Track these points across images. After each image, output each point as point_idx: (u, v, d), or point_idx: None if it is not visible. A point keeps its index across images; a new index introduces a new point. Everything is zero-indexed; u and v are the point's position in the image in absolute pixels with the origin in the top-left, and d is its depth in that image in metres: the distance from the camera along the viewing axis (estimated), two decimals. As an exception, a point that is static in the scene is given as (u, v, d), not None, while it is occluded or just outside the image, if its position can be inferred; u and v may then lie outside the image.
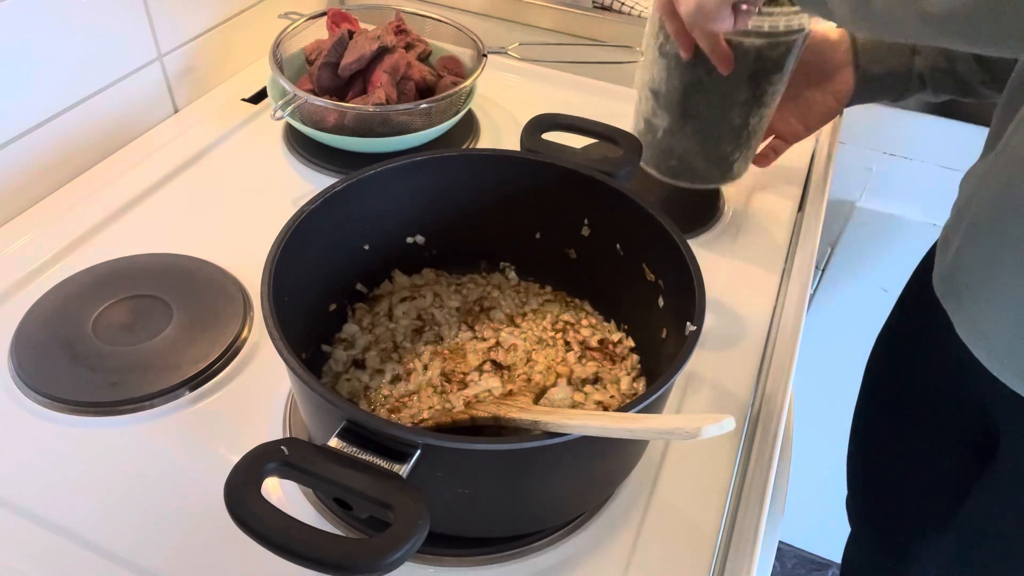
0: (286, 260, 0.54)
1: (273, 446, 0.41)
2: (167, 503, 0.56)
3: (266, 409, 0.62)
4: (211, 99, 0.98)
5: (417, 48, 0.96)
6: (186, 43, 0.93)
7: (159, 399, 0.62)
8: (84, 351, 0.64)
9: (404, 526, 0.38)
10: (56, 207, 0.80)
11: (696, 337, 0.50)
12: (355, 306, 0.67)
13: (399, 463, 0.42)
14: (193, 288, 0.70)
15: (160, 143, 0.90)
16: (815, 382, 1.27)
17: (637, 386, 0.62)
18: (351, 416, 0.43)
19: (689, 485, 0.59)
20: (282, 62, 0.90)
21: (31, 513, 0.54)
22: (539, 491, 0.51)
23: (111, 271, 0.71)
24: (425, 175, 0.63)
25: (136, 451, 0.59)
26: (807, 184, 0.92)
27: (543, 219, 0.67)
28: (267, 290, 0.50)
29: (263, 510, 0.39)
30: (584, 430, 0.43)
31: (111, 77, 0.85)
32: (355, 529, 0.55)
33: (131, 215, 0.80)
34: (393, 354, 0.63)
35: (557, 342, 0.65)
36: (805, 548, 1.64)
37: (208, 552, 0.53)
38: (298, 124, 0.86)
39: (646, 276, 0.61)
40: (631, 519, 0.57)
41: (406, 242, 0.68)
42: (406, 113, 0.85)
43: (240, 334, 0.67)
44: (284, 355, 0.46)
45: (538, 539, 0.55)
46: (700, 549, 0.55)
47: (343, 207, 0.60)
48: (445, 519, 0.50)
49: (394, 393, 0.60)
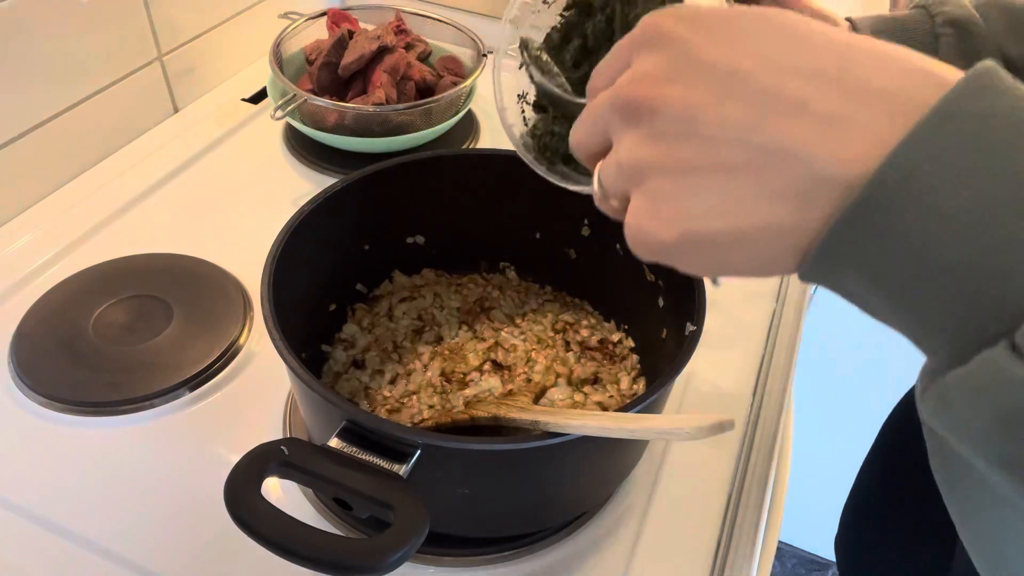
0: (286, 260, 0.54)
1: (273, 446, 0.41)
2: (167, 503, 0.56)
3: (266, 409, 0.62)
4: (211, 99, 0.98)
5: (417, 48, 0.96)
6: (186, 43, 0.93)
7: (159, 399, 0.62)
8: (84, 351, 0.64)
9: (404, 526, 0.38)
10: (56, 207, 0.80)
11: (696, 337, 0.50)
12: (355, 306, 0.67)
13: (399, 463, 0.42)
14: (193, 288, 0.70)
15: (160, 143, 0.90)
16: (815, 382, 1.27)
17: (637, 386, 0.62)
18: (351, 416, 0.43)
19: (689, 485, 0.59)
20: (282, 62, 0.90)
21: (31, 513, 0.54)
22: (539, 491, 0.51)
23: (111, 271, 0.71)
24: (425, 175, 0.63)
25: (136, 451, 0.59)
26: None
27: (543, 219, 0.67)
28: (267, 290, 0.50)
29: (263, 510, 0.39)
30: (584, 430, 0.43)
31: (111, 77, 0.85)
32: (355, 529, 0.55)
33: (131, 215, 0.80)
34: (393, 354, 0.63)
35: (557, 342, 0.65)
36: (805, 548, 1.64)
37: (208, 552, 0.53)
38: (298, 124, 0.86)
39: (646, 276, 0.61)
40: (631, 519, 0.57)
41: (406, 242, 0.68)
42: (406, 113, 0.85)
43: (240, 334, 0.67)
44: (284, 355, 0.46)
45: (538, 539, 0.55)
46: (700, 549, 0.55)
47: (343, 207, 0.60)
48: (445, 519, 0.50)
49: (394, 393, 0.60)
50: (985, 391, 0.23)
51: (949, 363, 0.24)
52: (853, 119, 0.24)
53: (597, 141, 0.32)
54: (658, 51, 0.29)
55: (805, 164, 0.25)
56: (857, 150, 0.24)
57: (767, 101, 0.26)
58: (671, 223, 0.28)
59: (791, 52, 0.26)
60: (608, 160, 0.31)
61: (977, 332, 0.23)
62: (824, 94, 0.25)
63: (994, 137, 0.22)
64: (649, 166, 0.29)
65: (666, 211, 0.28)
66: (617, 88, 0.30)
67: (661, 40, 0.29)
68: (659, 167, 0.28)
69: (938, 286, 0.23)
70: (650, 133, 0.28)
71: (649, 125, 0.28)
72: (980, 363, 0.23)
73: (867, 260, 0.24)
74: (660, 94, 0.28)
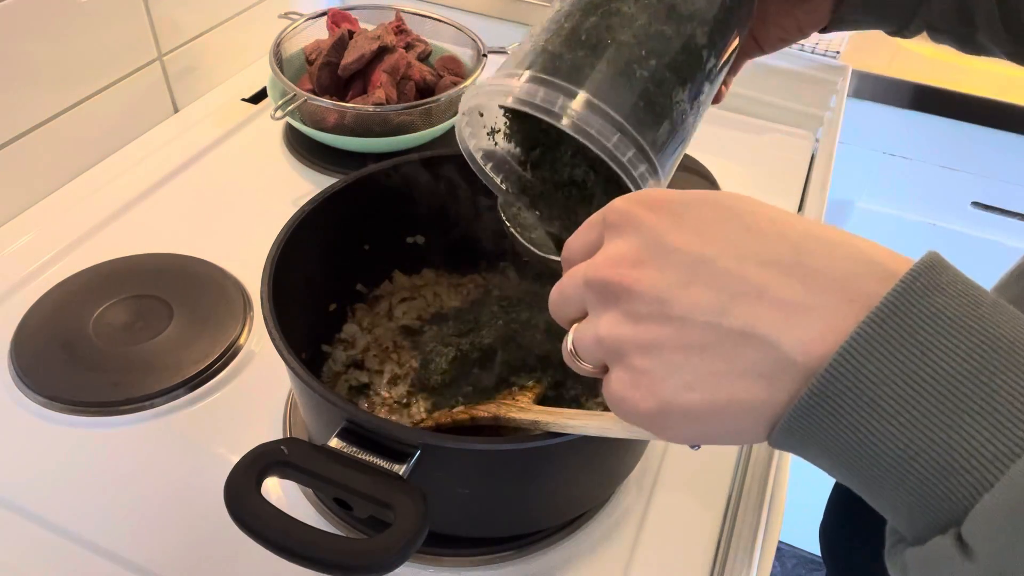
0: (286, 260, 0.54)
1: (273, 446, 0.41)
2: (167, 503, 0.56)
3: (266, 409, 0.62)
4: (211, 99, 0.98)
5: (417, 48, 0.96)
6: (186, 43, 0.93)
7: (159, 399, 0.62)
8: (84, 351, 0.64)
9: (404, 526, 0.38)
10: (56, 207, 0.80)
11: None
12: (355, 306, 0.67)
13: (399, 463, 0.42)
14: (193, 288, 0.70)
15: (160, 143, 0.90)
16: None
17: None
18: (351, 416, 0.43)
19: (689, 485, 0.59)
20: (282, 62, 0.90)
21: (31, 513, 0.54)
22: (539, 491, 0.51)
23: (111, 271, 0.71)
24: (425, 175, 0.63)
25: (136, 451, 0.59)
26: (807, 184, 0.92)
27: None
28: (267, 290, 0.50)
29: (263, 510, 0.39)
30: (584, 430, 0.43)
31: (111, 77, 0.85)
32: (355, 529, 0.55)
33: (131, 215, 0.80)
34: (393, 354, 0.63)
35: (557, 342, 0.65)
36: (805, 548, 1.64)
37: (208, 552, 0.53)
38: (298, 124, 0.86)
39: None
40: (631, 519, 0.57)
41: (406, 242, 0.68)
42: (406, 113, 0.85)
43: (240, 334, 0.67)
44: (284, 355, 0.46)
45: (538, 539, 0.55)
46: (700, 549, 0.55)
47: (343, 207, 0.60)
48: (445, 519, 0.50)
49: (394, 393, 0.60)
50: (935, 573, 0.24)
51: (909, 540, 0.26)
52: (810, 305, 0.26)
53: (574, 310, 0.34)
54: (628, 235, 0.31)
55: (773, 347, 0.27)
56: (815, 335, 0.26)
57: (732, 285, 0.28)
58: (650, 396, 0.30)
59: (748, 240, 0.29)
60: (586, 332, 0.33)
61: (930, 519, 0.25)
62: (781, 281, 0.27)
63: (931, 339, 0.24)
64: (628, 344, 0.30)
65: (645, 384, 0.30)
66: (593, 268, 0.32)
67: (630, 224, 0.31)
68: (637, 345, 0.30)
69: (889, 475, 0.25)
70: (627, 313, 0.30)
71: (626, 305, 0.30)
72: (932, 548, 0.24)
73: (827, 444, 0.26)
74: (634, 277, 0.30)
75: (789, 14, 0.55)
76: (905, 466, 0.24)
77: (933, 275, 0.25)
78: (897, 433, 0.24)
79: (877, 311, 0.24)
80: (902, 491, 0.25)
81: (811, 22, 0.56)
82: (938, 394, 0.24)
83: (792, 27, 0.56)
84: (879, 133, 1.13)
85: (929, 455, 0.24)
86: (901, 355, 0.24)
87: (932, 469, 0.24)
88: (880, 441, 0.25)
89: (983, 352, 0.24)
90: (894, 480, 0.25)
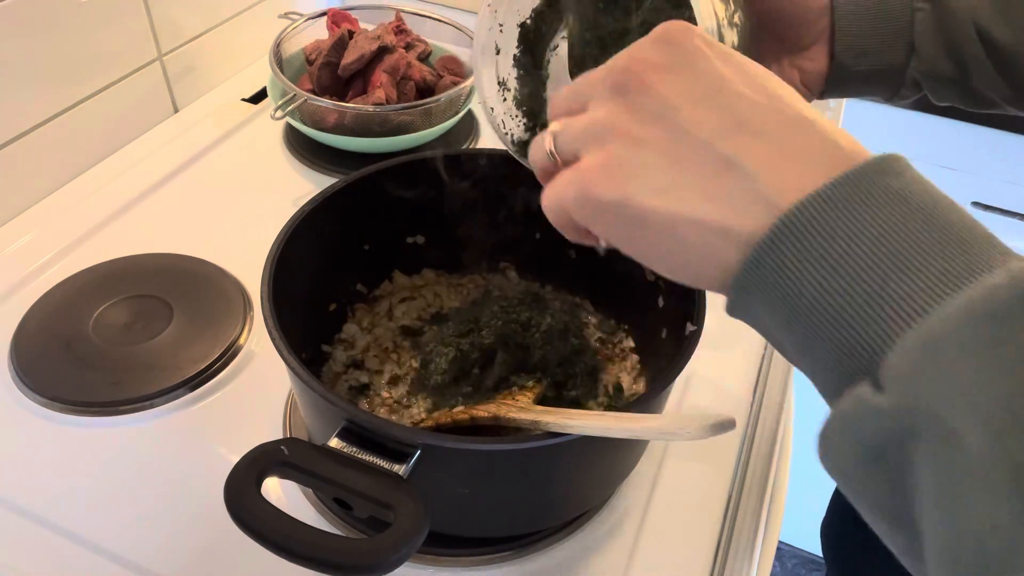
0: (286, 260, 0.54)
1: (273, 446, 0.41)
2: (167, 503, 0.56)
3: (266, 409, 0.62)
4: (211, 99, 0.98)
5: (417, 48, 0.96)
6: (186, 43, 0.93)
7: (159, 399, 0.62)
8: (84, 351, 0.64)
9: (404, 526, 0.38)
10: (56, 207, 0.80)
11: (696, 337, 0.50)
12: (355, 306, 0.67)
13: (399, 463, 0.42)
14: (193, 288, 0.70)
15: (160, 143, 0.90)
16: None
17: (637, 386, 0.62)
18: (351, 416, 0.43)
19: (689, 485, 0.59)
20: (282, 62, 0.90)
21: (31, 513, 0.54)
22: (539, 491, 0.51)
23: (111, 271, 0.71)
24: (425, 175, 0.63)
25: (136, 451, 0.59)
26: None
27: (543, 219, 0.67)
28: (267, 290, 0.50)
29: (263, 510, 0.39)
30: (584, 430, 0.43)
31: (111, 77, 0.85)
32: (355, 529, 0.55)
33: (131, 215, 0.80)
34: (393, 354, 0.63)
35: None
36: (805, 548, 1.64)
37: (208, 552, 0.53)
38: (298, 124, 0.86)
39: (646, 276, 0.61)
40: (631, 519, 0.57)
41: (406, 242, 0.68)
42: (406, 113, 0.85)
43: (240, 334, 0.67)
44: (284, 355, 0.46)
45: (538, 539, 0.55)
46: (700, 549, 0.55)
47: (343, 207, 0.60)
48: (445, 519, 0.50)
49: (394, 393, 0.60)
50: (850, 424, 0.25)
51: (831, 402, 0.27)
52: (798, 158, 0.28)
53: (576, 105, 0.34)
54: (670, 49, 0.32)
55: (751, 181, 0.28)
56: (793, 183, 0.28)
57: (742, 119, 0.29)
58: (616, 186, 0.31)
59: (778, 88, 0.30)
60: (579, 120, 0.33)
61: (853, 365, 0.26)
62: (784, 129, 0.29)
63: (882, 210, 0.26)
64: (619, 131, 0.31)
65: (616, 172, 0.31)
66: (624, 59, 0.32)
67: (676, 41, 0.32)
68: (625, 135, 0.31)
69: (822, 330, 0.27)
70: (633, 105, 0.31)
71: (636, 97, 0.31)
72: (847, 397, 0.25)
73: (773, 297, 0.27)
74: (657, 78, 0.31)
75: (790, 65, 0.55)
76: (839, 317, 0.26)
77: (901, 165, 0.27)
78: (836, 285, 0.26)
79: (846, 175, 0.27)
80: (832, 345, 0.26)
81: (812, 76, 0.55)
82: (877, 253, 0.26)
83: (795, 81, 0.55)
84: (879, 133, 1.13)
85: (860, 306, 0.26)
86: (855, 217, 0.26)
87: (861, 319, 0.26)
88: (820, 293, 0.26)
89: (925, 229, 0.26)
90: (826, 334, 0.26)
